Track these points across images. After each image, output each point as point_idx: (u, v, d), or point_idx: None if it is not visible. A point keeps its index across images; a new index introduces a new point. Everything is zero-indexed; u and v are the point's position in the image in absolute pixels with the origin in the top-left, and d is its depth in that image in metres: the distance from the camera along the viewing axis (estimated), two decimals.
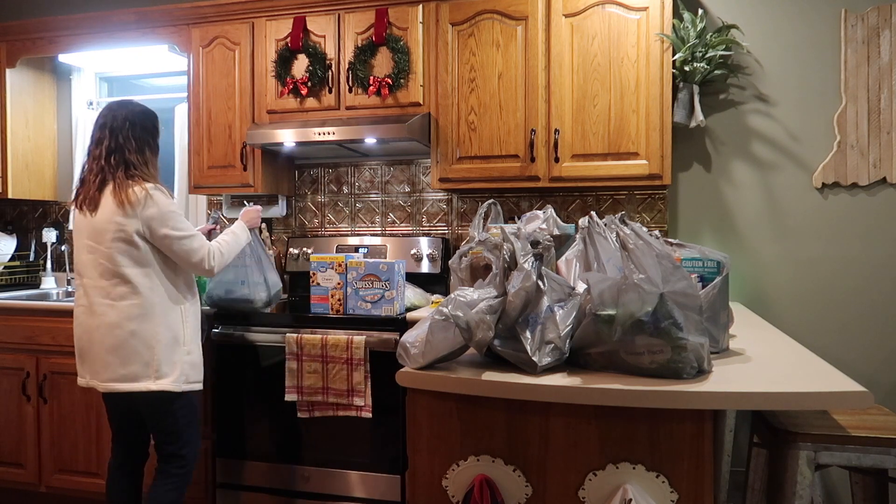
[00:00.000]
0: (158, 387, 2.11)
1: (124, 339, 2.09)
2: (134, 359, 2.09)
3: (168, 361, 2.13)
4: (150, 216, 2.09)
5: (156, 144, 2.25)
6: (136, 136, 2.17)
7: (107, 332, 2.10)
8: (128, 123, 2.16)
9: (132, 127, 2.17)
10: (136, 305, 2.10)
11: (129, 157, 2.13)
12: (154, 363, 2.11)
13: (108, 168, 2.12)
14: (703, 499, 1.34)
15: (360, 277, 2.51)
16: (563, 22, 2.69)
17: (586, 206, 3.05)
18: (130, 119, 2.18)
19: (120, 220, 2.08)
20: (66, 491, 2.94)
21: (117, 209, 2.08)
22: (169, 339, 2.14)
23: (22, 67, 3.45)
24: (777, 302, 2.86)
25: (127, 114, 2.18)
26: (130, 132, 2.16)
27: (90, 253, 2.13)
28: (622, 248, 1.42)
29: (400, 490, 2.50)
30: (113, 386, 2.11)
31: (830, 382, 1.33)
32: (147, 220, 2.09)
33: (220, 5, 3.04)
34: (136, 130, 2.18)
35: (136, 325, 2.09)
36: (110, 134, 2.15)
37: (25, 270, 3.68)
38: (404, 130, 2.66)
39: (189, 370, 2.18)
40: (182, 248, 2.14)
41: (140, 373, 2.10)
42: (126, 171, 2.12)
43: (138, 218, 2.08)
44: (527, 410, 1.42)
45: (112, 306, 2.10)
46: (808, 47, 2.82)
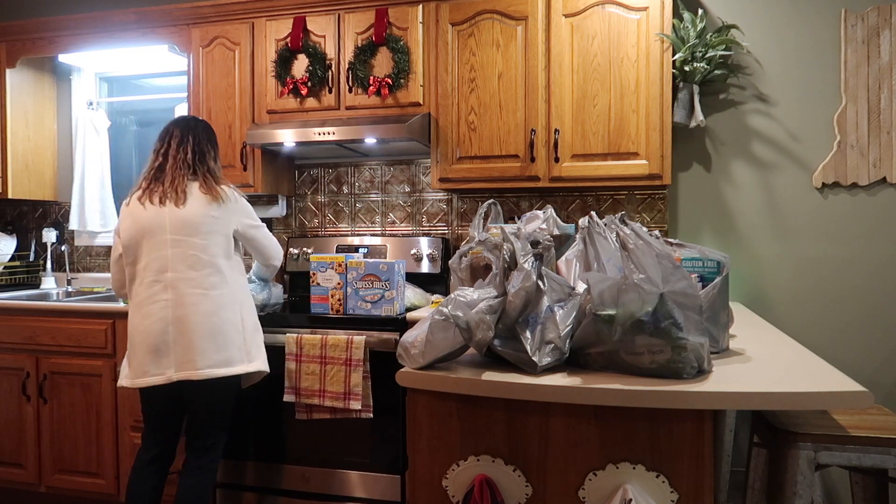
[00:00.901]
0: (253, 368, 2.27)
1: (220, 326, 2.20)
2: (229, 344, 2.21)
3: (255, 345, 2.31)
4: (239, 209, 2.32)
5: (218, 155, 2.44)
6: (213, 146, 2.39)
7: (203, 320, 2.18)
8: (205, 134, 2.37)
9: (209, 138, 2.38)
10: (227, 294, 2.24)
11: (209, 162, 2.33)
12: (245, 347, 2.26)
13: (195, 167, 2.29)
14: (703, 499, 1.34)
15: (360, 277, 2.51)
16: (563, 22, 2.69)
17: (586, 206, 3.05)
18: (207, 131, 2.39)
19: (215, 213, 2.24)
20: (66, 491, 2.94)
21: (211, 204, 2.24)
22: (253, 325, 2.32)
23: (22, 67, 3.45)
24: (777, 302, 2.86)
25: (204, 126, 2.40)
26: (209, 142, 2.37)
27: (175, 247, 2.21)
28: (622, 248, 1.42)
29: (400, 490, 2.50)
30: (211, 372, 2.18)
31: (830, 382, 1.33)
32: (240, 215, 2.32)
33: (220, 5, 3.04)
34: (214, 141, 2.39)
35: (229, 313, 2.23)
36: (193, 139, 2.32)
37: (25, 270, 3.68)
38: (404, 130, 2.66)
39: (267, 354, 2.36)
40: (267, 238, 2.43)
41: (235, 357, 2.23)
42: (208, 173, 2.31)
43: (232, 213, 2.28)
44: (527, 410, 1.42)
45: (206, 295, 2.20)
46: (808, 47, 2.82)
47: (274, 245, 2.48)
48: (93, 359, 2.85)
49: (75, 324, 2.87)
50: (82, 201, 3.57)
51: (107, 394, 2.84)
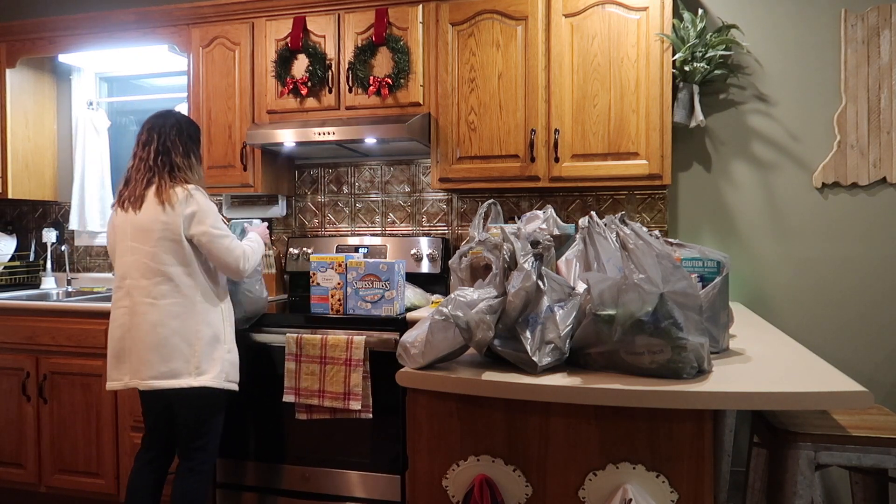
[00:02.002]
0: (199, 383, 2.16)
1: (166, 337, 2.14)
2: (175, 356, 2.15)
3: (208, 358, 2.19)
4: (191, 213, 2.17)
5: (199, 152, 2.35)
6: (183, 140, 2.27)
7: (149, 330, 2.15)
8: (175, 129, 2.27)
9: (179, 132, 2.27)
10: (178, 304, 2.16)
11: (176, 159, 2.23)
12: (194, 360, 2.17)
13: (154, 168, 2.22)
14: (703, 499, 1.34)
15: (360, 277, 2.51)
16: (563, 22, 2.69)
17: (586, 206, 3.05)
18: (178, 125, 2.29)
19: (164, 219, 2.16)
20: (66, 491, 2.94)
21: (160, 209, 2.16)
22: (210, 337, 2.20)
23: (22, 67, 3.45)
24: (777, 302, 2.86)
25: (175, 120, 2.30)
26: (178, 137, 2.26)
27: (133, 254, 2.19)
28: (622, 248, 1.42)
29: (400, 490, 2.50)
30: (154, 384, 2.15)
31: (830, 382, 1.33)
32: (188, 217, 2.17)
33: (220, 5, 3.04)
34: (183, 136, 2.28)
35: (178, 323, 2.16)
36: (158, 137, 2.25)
37: (25, 270, 3.68)
38: (404, 130, 2.66)
39: (229, 368, 2.25)
40: (219, 246, 2.20)
41: (181, 369, 2.16)
42: (171, 173, 2.21)
43: (180, 216, 2.16)
44: (527, 410, 1.42)
45: (153, 305, 2.16)
46: (808, 47, 2.82)
47: (229, 257, 2.21)
48: (93, 359, 2.85)
49: (75, 324, 2.87)
50: (82, 201, 3.57)
51: (107, 394, 2.84)
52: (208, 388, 2.18)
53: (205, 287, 2.23)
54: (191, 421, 2.25)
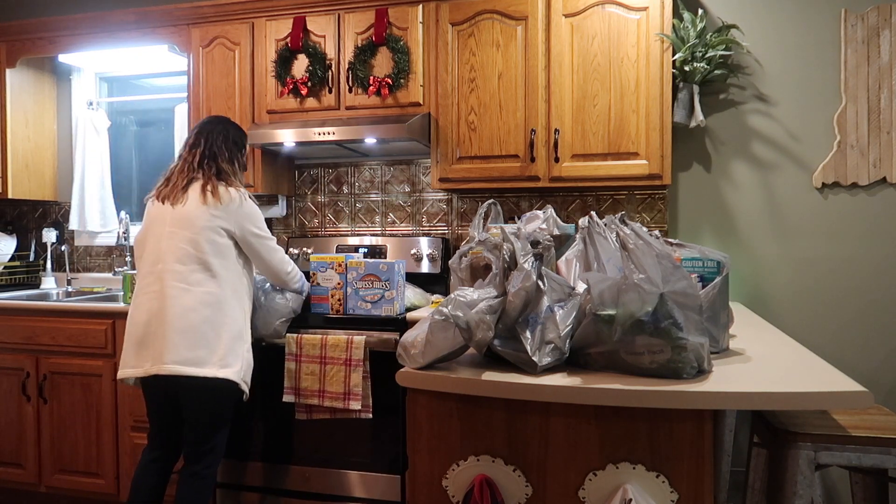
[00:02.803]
0: (224, 375, 2.13)
1: (196, 323, 2.12)
2: (201, 343, 2.12)
3: (233, 352, 2.17)
4: (245, 214, 2.24)
5: (244, 160, 2.40)
6: (229, 147, 2.32)
7: (180, 314, 2.12)
8: (222, 135, 2.32)
9: (226, 138, 2.33)
10: (211, 294, 2.16)
11: (221, 164, 2.28)
12: (220, 351, 2.14)
13: (200, 170, 2.25)
14: (703, 499, 1.34)
15: (360, 277, 2.51)
16: (563, 22, 2.69)
17: (586, 206, 3.05)
18: (225, 131, 2.34)
19: (213, 212, 2.19)
20: (66, 491, 2.94)
21: (210, 202, 2.20)
22: (236, 332, 2.20)
23: (22, 67, 3.45)
24: (777, 302, 2.86)
25: (223, 126, 2.36)
26: (224, 142, 2.31)
27: (170, 239, 2.19)
28: (622, 248, 1.42)
29: (400, 490, 2.50)
30: (176, 368, 2.09)
31: (830, 382, 1.33)
32: (240, 218, 2.23)
33: (220, 5, 3.04)
34: (230, 142, 2.33)
35: (210, 312, 2.15)
36: (205, 142, 2.29)
37: (25, 270, 3.67)
38: (404, 130, 2.66)
39: (247, 368, 2.24)
40: (268, 252, 2.31)
41: (206, 358, 2.12)
42: (217, 175, 2.26)
43: (231, 215, 2.21)
44: (527, 410, 1.42)
45: (187, 290, 2.15)
46: (808, 47, 2.82)
47: (276, 261, 2.34)
48: (93, 359, 2.85)
49: (75, 324, 2.87)
50: (82, 201, 3.57)
51: (107, 394, 2.84)
52: (230, 383, 2.14)
53: (236, 284, 2.24)
54: (204, 419, 2.19)
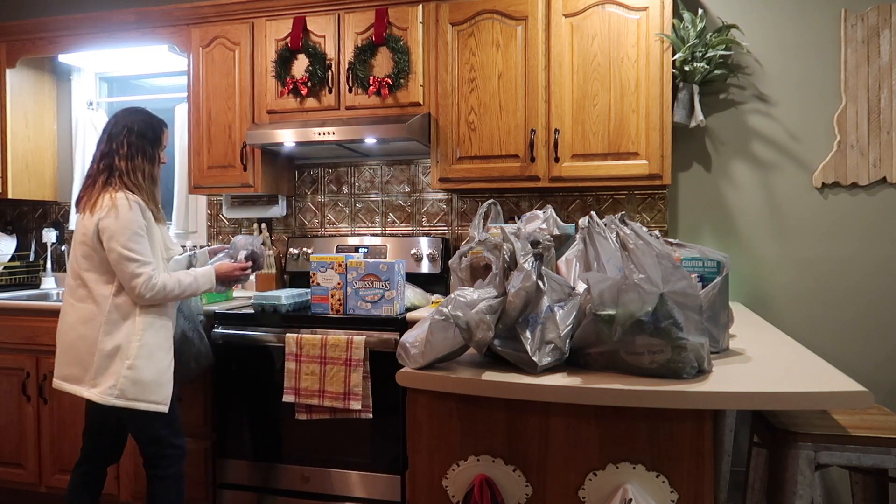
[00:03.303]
0: (90, 395, 2.09)
1: (73, 341, 2.12)
2: (76, 361, 2.11)
3: (103, 371, 2.07)
4: (105, 226, 2.06)
5: (153, 152, 2.19)
6: (131, 141, 2.14)
7: (64, 330, 2.15)
8: (126, 129, 2.15)
9: (129, 133, 2.15)
10: (88, 310, 2.11)
11: (118, 163, 2.12)
12: (91, 370, 2.09)
13: (96, 173, 2.15)
14: (703, 499, 1.34)
15: (360, 277, 2.51)
16: (563, 22, 2.69)
17: (586, 206, 3.05)
18: (129, 125, 2.16)
19: (85, 223, 2.11)
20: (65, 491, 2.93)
21: (85, 214, 2.12)
22: (109, 350, 2.07)
23: (22, 67, 3.45)
24: (777, 302, 2.86)
25: (128, 120, 2.18)
26: (126, 138, 2.14)
27: (72, 252, 2.19)
28: (622, 248, 1.42)
29: (400, 490, 2.50)
30: (59, 383, 2.15)
31: (830, 382, 1.33)
32: (102, 228, 2.06)
33: (220, 5, 3.04)
34: (132, 136, 2.15)
35: (85, 330, 2.10)
36: (107, 140, 2.17)
37: (25, 270, 3.68)
38: (404, 130, 2.66)
39: (128, 386, 2.07)
40: (120, 266, 2.06)
41: (80, 377, 2.11)
42: (108, 178, 2.11)
43: (97, 221, 2.07)
44: (527, 410, 1.42)
45: (73, 306, 2.15)
46: (808, 47, 2.82)
47: (126, 276, 2.06)
48: None
49: None
50: None
51: None
52: (96, 402, 2.08)
53: (119, 299, 2.09)
54: (131, 431, 2.23)
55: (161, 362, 2.16)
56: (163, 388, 2.15)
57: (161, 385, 2.15)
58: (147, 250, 2.09)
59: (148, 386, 2.11)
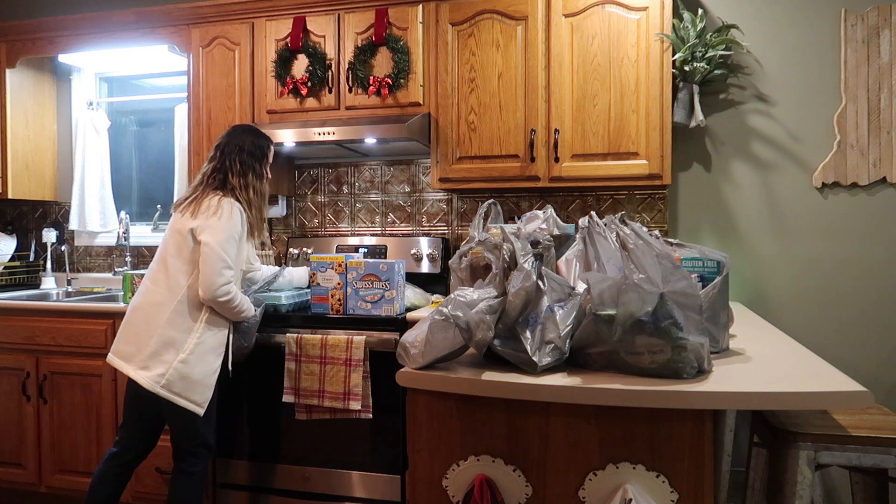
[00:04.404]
0: (136, 376, 2.13)
1: (137, 320, 2.17)
2: (134, 339, 2.15)
3: (155, 357, 2.12)
4: (206, 223, 2.16)
5: (261, 170, 2.34)
6: (242, 160, 2.29)
7: (135, 309, 2.21)
8: (237, 147, 2.30)
9: (240, 151, 2.30)
10: (161, 294, 2.17)
11: (231, 178, 2.26)
12: (145, 351, 2.13)
13: (208, 183, 2.25)
14: (703, 499, 1.34)
15: (360, 277, 2.51)
16: (562, 22, 2.69)
17: (586, 206, 3.05)
18: (241, 143, 2.31)
19: (186, 222, 2.21)
20: (66, 491, 2.93)
21: (189, 215, 2.20)
22: (167, 338, 2.13)
23: (22, 67, 3.45)
24: (777, 302, 2.86)
25: (240, 139, 2.33)
26: (238, 156, 2.29)
27: (163, 243, 2.27)
28: (622, 248, 1.42)
29: (400, 490, 2.50)
30: (111, 359, 2.20)
31: (830, 382, 1.33)
32: (202, 221, 2.17)
33: (220, 5, 3.04)
34: (244, 155, 2.30)
35: (152, 311, 2.16)
36: (220, 155, 2.30)
37: (25, 270, 3.67)
38: (404, 130, 2.66)
39: (176, 379, 2.12)
40: (208, 262, 2.12)
41: (132, 355, 2.14)
42: (219, 187, 2.25)
43: (201, 218, 2.18)
44: (527, 410, 1.42)
45: (147, 288, 2.21)
46: (808, 47, 2.82)
47: (208, 270, 2.12)
48: (93, 359, 2.84)
49: (75, 324, 2.87)
50: (82, 201, 3.57)
51: (107, 394, 2.84)
52: (140, 385, 2.11)
53: (193, 293, 2.16)
54: (162, 417, 2.25)
55: (211, 365, 2.21)
56: (206, 391, 2.20)
57: (206, 387, 2.20)
58: (235, 258, 2.20)
59: (194, 384, 2.16)
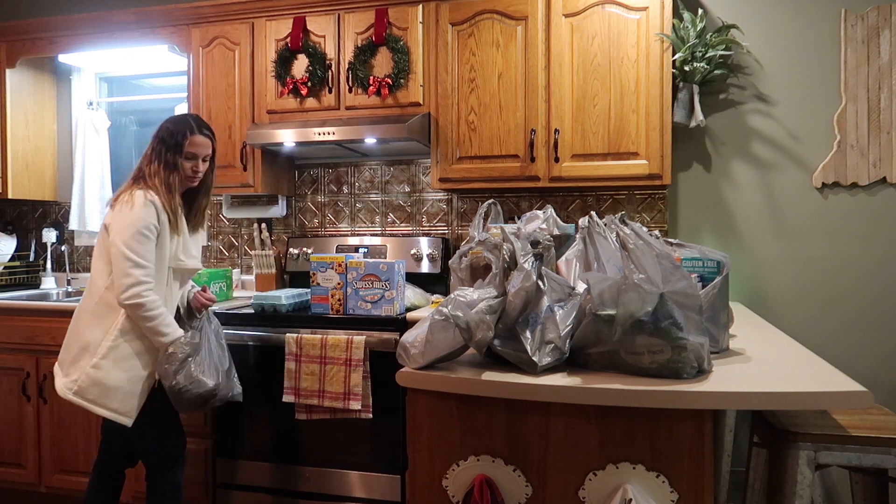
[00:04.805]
0: (57, 384, 2.07)
1: (70, 327, 2.13)
2: (65, 346, 2.11)
3: (75, 362, 2.04)
4: (115, 219, 2.02)
5: (174, 158, 2.10)
6: (154, 146, 2.13)
7: (73, 316, 2.15)
8: (154, 135, 2.15)
9: (155, 138, 2.14)
10: (86, 300, 2.10)
11: (144, 166, 2.12)
12: (68, 357, 2.08)
13: (131, 177, 2.15)
14: (703, 499, 1.34)
15: (360, 277, 2.51)
16: (562, 22, 2.69)
17: (586, 206, 3.05)
18: (158, 131, 2.15)
19: (107, 219, 2.09)
20: (66, 491, 2.93)
21: (109, 210, 2.11)
22: (83, 342, 2.03)
23: (22, 67, 3.45)
24: (777, 302, 2.86)
25: (161, 126, 2.16)
26: (152, 143, 2.14)
27: None
28: (622, 248, 1.42)
29: (400, 490, 2.50)
30: (54, 368, 2.14)
31: (830, 382, 1.33)
32: (109, 220, 2.05)
33: (220, 5, 3.04)
34: (156, 142, 2.14)
35: (78, 319, 2.10)
36: (150, 142, 2.17)
37: (25, 270, 3.67)
38: (404, 130, 2.66)
39: (88, 385, 2.00)
40: (115, 262, 1.98)
41: (62, 361, 2.11)
42: (135, 178, 2.12)
43: (111, 213, 2.06)
44: (527, 410, 1.42)
45: (82, 296, 2.16)
46: (808, 47, 2.82)
47: (115, 269, 1.98)
48: None
49: None
50: (82, 201, 3.57)
51: None
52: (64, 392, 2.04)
53: (111, 294, 2.02)
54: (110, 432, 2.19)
55: (132, 371, 2.02)
56: (128, 399, 2.02)
57: (127, 394, 2.01)
58: (149, 254, 2.01)
59: (109, 391, 2.00)
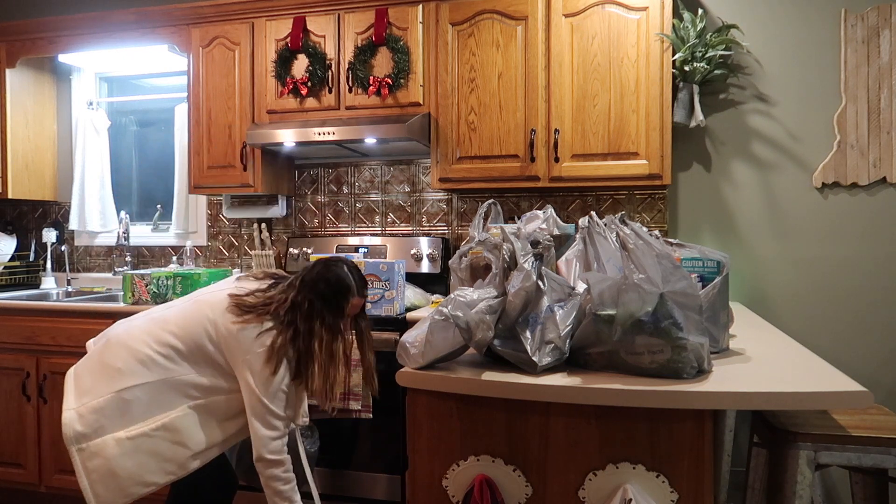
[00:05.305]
0: (64, 416, 1.94)
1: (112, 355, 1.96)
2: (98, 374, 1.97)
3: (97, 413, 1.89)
4: (241, 345, 1.85)
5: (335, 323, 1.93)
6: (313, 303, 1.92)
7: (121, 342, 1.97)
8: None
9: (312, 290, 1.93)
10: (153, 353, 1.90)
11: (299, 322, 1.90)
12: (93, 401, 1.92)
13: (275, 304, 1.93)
14: (703, 499, 1.34)
15: None
16: (562, 22, 2.69)
17: (586, 206, 3.05)
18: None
19: (229, 324, 1.87)
20: (66, 491, 2.93)
21: (236, 317, 1.88)
22: (122, 401, 1.85)
23: (22, 67, 3.45)
24: (777, 302, 2.86)
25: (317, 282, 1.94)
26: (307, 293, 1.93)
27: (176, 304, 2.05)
28: (622, 248, 1.42)
29: (400, 490, 2.50)
30: (69, 374, 2.09)
31: (830, 382, 1.33)
32: (234, 335, 1.86)
33: (220, 5, 3.04)
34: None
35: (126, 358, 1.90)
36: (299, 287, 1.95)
37: (25, 270, 3.67)
38: (404, 130, 2.66)
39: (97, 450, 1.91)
40: (256, 410, 1.85)
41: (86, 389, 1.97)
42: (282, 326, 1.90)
43: (241, 338, 1.86)
44: (527, 410, 1.42)
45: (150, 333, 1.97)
46: (808, 47, 2.82)
47: (259, 418, 1.88)
48: None
49: (75, 324, 2.87)
50: (82, 201, 3.57)
51: None
52: None
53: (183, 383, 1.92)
54: None
55: (142, 470, 1.85)
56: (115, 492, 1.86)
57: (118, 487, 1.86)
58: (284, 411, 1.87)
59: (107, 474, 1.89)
